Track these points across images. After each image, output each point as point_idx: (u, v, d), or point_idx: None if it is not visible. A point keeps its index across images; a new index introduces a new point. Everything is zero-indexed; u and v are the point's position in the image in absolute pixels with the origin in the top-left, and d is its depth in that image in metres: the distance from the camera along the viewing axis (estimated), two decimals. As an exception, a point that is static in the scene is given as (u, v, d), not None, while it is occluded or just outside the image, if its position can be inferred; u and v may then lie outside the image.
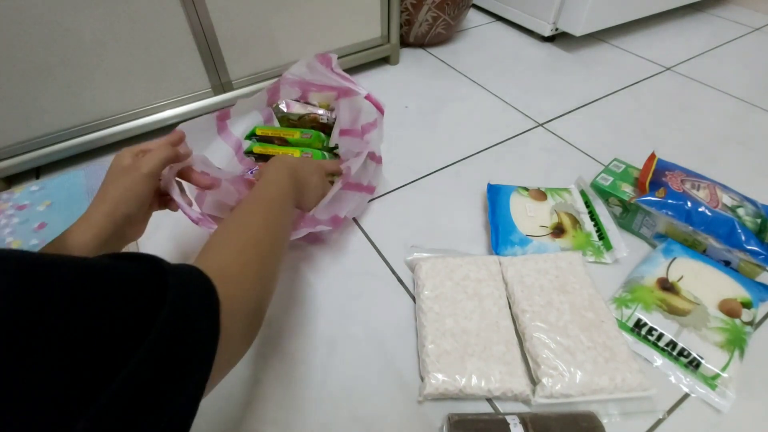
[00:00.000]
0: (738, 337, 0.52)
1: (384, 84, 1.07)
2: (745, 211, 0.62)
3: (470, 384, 0.49)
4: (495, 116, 0.97)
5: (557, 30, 1.19)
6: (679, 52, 1.21)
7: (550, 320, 0.53)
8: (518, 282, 0.58)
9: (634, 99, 1.02)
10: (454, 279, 0.59)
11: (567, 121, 0.95)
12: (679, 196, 0.62)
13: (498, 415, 0.47)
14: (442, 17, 1.12)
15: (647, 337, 0.54)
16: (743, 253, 0.58)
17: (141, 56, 0.78)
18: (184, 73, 0.84)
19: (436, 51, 1.21)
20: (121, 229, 0.43)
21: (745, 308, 0.55)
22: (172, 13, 0.76)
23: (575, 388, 0.48)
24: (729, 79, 1.09)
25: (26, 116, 0.74)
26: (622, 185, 0.70)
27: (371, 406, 0.50)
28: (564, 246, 0.65)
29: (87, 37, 0.71)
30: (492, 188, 0.74)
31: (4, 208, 0.72)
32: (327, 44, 0.98)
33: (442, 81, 1.09)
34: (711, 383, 0.50)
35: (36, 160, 0.78)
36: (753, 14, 1.44)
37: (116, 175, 0.43)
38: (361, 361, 0.54)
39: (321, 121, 0.72)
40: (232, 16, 0.82)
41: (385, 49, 1.08)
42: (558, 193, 0.73)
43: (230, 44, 0.85)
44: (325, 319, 0.58)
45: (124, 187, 0.42)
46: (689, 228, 0.62)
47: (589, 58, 1.18)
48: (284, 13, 0.88)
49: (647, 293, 0.57)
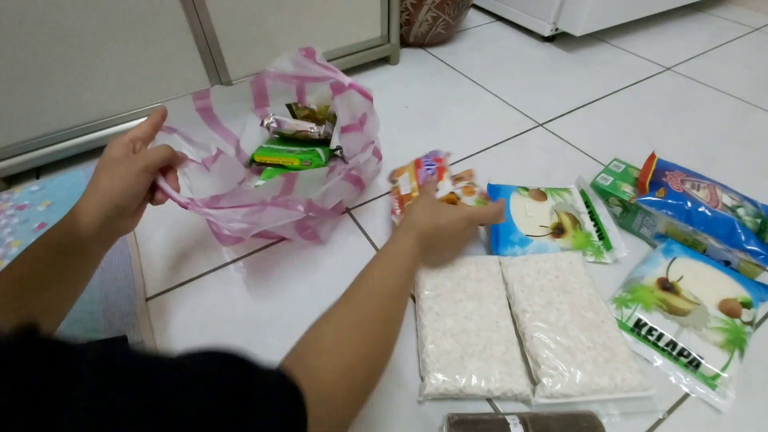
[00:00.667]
0: (738, 337, 0.52)
1: (384, 84, 1.07)
2: (745, 211, 0.62)
3: (470, 384, 0.49)
4: (495, 116, 0.97)
5: (557, 30, 1.19)
6: (679, 52, 1.21)
7: (550, 320, 0.53)
8: (518, 282, 0.58)
9: (634, 99, 1.02)
10: (454, 279, 0.59)
11: (567, 121, 0.95)
12: (679, 196, 0.62)
13: (498, 415, 0.47)
14: (442, 17, 1.12)
15: (647, 337, 0.54)
16: (743, 253, 0.58)
17: (141, 56, 0.78)
18: (184, 73, 0.84)
19: (436, 51, 1.21)
20: (113, 222, 0.42)
21: (745, 308, 0.55)
22: (172, 13, 0.76)
23: (575, 388, 0.48)
24: (729, 79, 1.09)
25: (26, 116, 0.74)
26: (622, 185, 0.70)
27: (371, 406, 0.50)
28: (564, 246, 0.65)
29: (87, 37, 0.71)
30: (492, 188, 0.74)
31: (4, 208, 0.72)
32: (327, 44, 0.98)
33: (442, 81, 1.09)
34: (711, 383, 0.50)
35: (36, 160, 0.78)
36: (753, 14, 1.44)
37: (108, 165, 0.42)
38: (361, 361, 0.54)
39: (312, 137, 0.72)
40: (232, 16, 0.82)
41: (385, 49, 1.08)
42: (558, 193, 0.73)
43: (230, 44, 0.85)
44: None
45: (119, 177, 0.41)
46: (689, 228, 0.62)
47: (589, 58, 1.18)
48: (284, 13, 0.88)
49: (647, 293, 0.57)
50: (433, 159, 0.72)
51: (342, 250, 0.68)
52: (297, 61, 0.64)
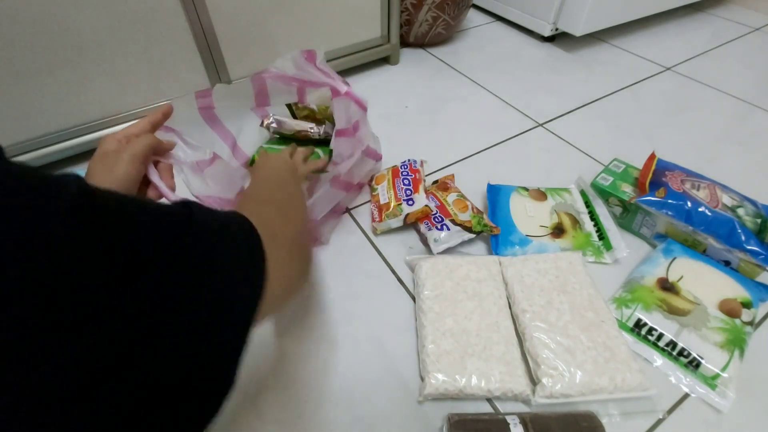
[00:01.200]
0: (738, 337, 0.52)
1: (384, 84, 1.07)
2: (745, 211, 0.62)
3: (470, 384, 0.49)
4: (495, 116, 0.97)
5: (557, 30, 1.19)
6: (679, 52, 1.21)
7: (550, 320, 0.53)
8: (518, 282, 0.58)
9: (634, 99, 1.02)
10: (454, 279, 0.59)
11: (567, 121, 0.95)
12: (679, 196, 0.62)
13: (498, 415, 0.47)
14: (442, 17, 1.12)
15: (647, 337, 0.54)
16: (743, 253, 0.58)
17: (141, 56, 0.78)
18: (184, 73, 0.84)
19: (436, 51, 1.21)
20: None
21: (745, 308, 0.55)
22: (172, 13, 0.76)
23: (575, 388, 0.48)
24: (729, 79, 1.09)
25: (26, 116, 0.74)
26: (622, 185, 0.70)
27: (371, 406, 0.50)
28: (564, 246, 0.65)
29: (87, 37, 0.71)
30: (492, 188, 0.74)
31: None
32: (327, 44, 0.98)
33: (442, 81, 1.09)
34: (711, 383, 0.50)
35: (36, 160, 0.78)
36: (753, 14, 1.44)
37: (99, 158, 0.42)
38: (361, 361, 0.54)
39: (312, 137, 0.72)
40: (232, 16, 0.82)
41: (385, 49, 1.08)
42: (558, 193, 0.73)
43: (230, 44, 0.85)
44: (325, 319, 0.58)
45: (108, 170, 0.41)
46: (689, 228, 0.62)
47: (589, 58, 1.18)
48: (284, 13, 0.88)
49: (647, 293, 0.57)
50: (409, 169, 0.73)
51: (342, 250, 0.68)
52: (298, 63, 0.64)
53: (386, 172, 0.75)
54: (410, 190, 0.69)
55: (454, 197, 0.70)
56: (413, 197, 0.68)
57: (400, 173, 0.73)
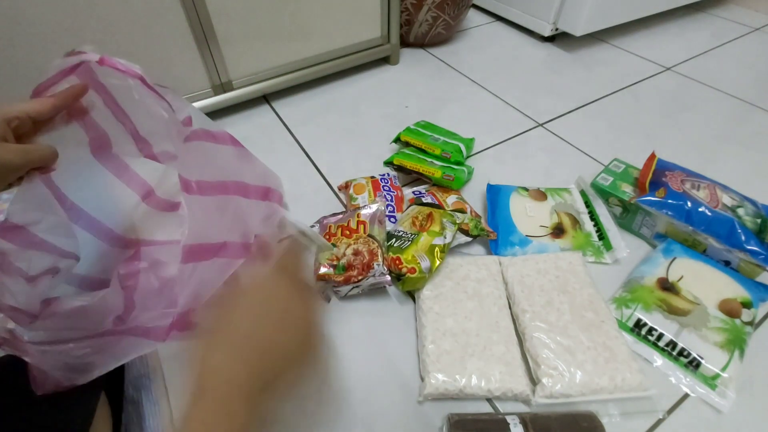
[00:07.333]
0: (738, 337, 0.52)
1: (384, 84, 1.07)
2: (745, 211, 0.62)
3: (470, 384, 0.49)
4: (495, 116, 0.97)
5: (557, 30, 1.19)
6: (679, 52, 1.21)
7: (550, 320, 0.53)
8: (518, 282, 0.58)
9: (634, 99, 1.02)
10: (454, 279, 0.59)
11: (567, 121, 0.95)
12: (679, 196, 0.62)
13: (498, 415, 0.47)
14: (442, 17, 1.12)
15: (647, 337, 0.54)
16: (743, 253, 0.58)
17: (141, 56, 0.78)
18: (183, 73, 0.84)
19: (436, 51, 1.21)
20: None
21: (745, 308, 0.55)
22: (172, 13, 0.76)
23: (575, 388, 0.48)
24: (729, 79, 1.09)
25: (26, 116, 0.74)
26: (622, 185, 0.70)
27: (371, 406, 0.50)
28: (564, 246, 0.65)
29: (86, 37, 0.71)
30: (492, 188, 0.74)
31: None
32: (327, 44, 0.98)
33: (442, 81, 1.09)
34: (711, 383, 0.50)
35: (36, 160, 0.78)
36: (753, 14, 1.44)
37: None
38: (361, 361, 0.54)
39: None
40: (232, 15, 0.82)
41: (385, 49, 1.08)
42: (558, 193, 0.73)
43: (230, 44, 0.85)
44: (325, 319, 0.58)
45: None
46: (689, 228, 0.62)
47: (589, 58, 1.18)
48: (284, 13, 0.88)
49: (647, 293, 0.57)
50: (390, 185, 0.72)
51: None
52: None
53: (365, 182, 0.72)
54: (392, 207, 0.69)
55: (453, 199, 0.69)
56: (395, 215, 0.68)
57: (381, 186, 0.71)
